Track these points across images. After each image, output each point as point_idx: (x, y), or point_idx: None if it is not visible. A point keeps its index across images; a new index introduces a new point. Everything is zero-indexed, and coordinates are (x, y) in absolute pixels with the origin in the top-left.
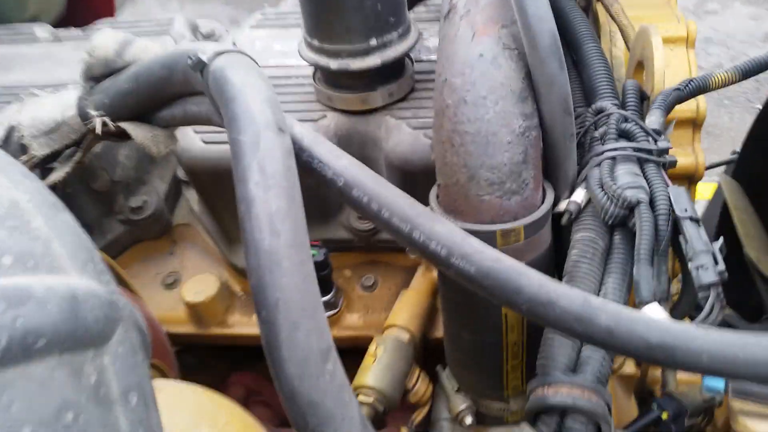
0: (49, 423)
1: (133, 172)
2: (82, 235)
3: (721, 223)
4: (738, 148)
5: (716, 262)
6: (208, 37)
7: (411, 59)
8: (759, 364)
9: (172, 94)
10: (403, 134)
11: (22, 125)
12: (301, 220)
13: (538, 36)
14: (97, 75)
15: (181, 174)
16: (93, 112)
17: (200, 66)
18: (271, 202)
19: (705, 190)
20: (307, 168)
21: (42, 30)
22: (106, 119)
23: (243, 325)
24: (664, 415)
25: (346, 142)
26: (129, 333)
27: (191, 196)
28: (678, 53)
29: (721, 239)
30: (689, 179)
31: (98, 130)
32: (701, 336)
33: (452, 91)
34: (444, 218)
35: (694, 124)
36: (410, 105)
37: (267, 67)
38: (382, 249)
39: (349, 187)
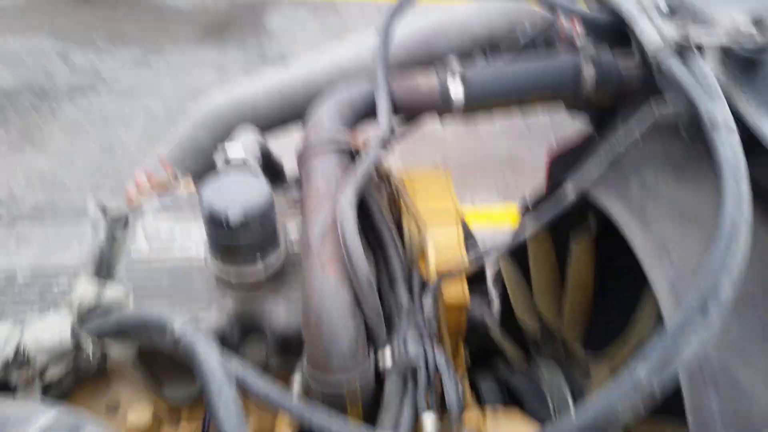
0: None
1: None
2: None
3: (502, 294)
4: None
5: (457, 388)
6: (116, 218)
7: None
8: None
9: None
10: (280, 313)
11: (31, 348)
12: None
13: (359, 271)
14: (85, 318)
15: None
16: (86, 341)
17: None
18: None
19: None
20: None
21: None
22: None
23: None
24: None
25: (243, 320)
26: None
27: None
28: (450, 232)
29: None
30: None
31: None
32: None
33: (310, 306)
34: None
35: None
36: (287, 286)
37: (168, 257)
38: None
39: None
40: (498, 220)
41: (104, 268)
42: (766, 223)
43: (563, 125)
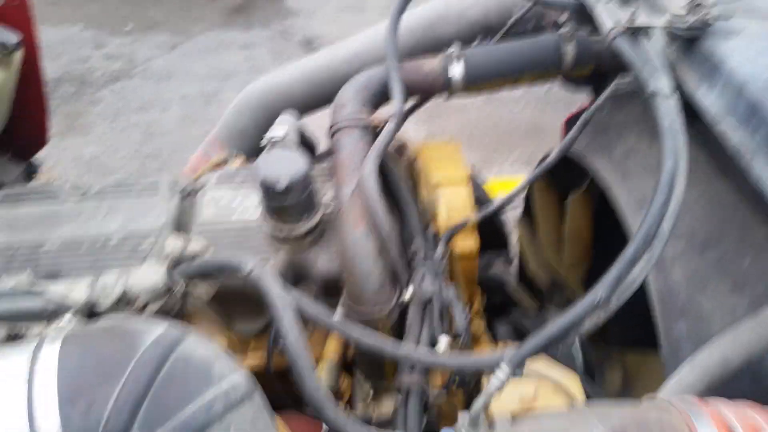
0: None
1: None
2: None
3: (519, 252)
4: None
5: (465, 317)
6: (184, 190)
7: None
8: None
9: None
10: (323, 262)
11: (134, 290)
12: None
13: (381, 226)
14: (174, 265)
15: None
16: (177, 283)
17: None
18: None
19: None
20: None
21: (62, 190)
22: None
23: None
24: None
25: (293, 268)
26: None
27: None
28: (459, 192)
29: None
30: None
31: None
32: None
33: (345, 255)
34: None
35: None
36: (327, 241)
37: (229, 220)
38: None
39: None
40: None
41: (179, 232)
42: (719, 176)
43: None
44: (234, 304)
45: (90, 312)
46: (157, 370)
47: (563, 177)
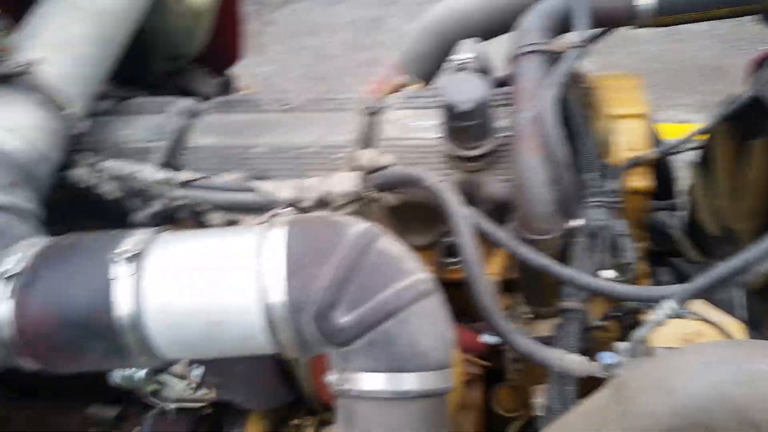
0: None
1: None
2: None
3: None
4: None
5: (632, 252)
6: (370, 109)
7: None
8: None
9: None
10: (495, 185)
11: (332, 193)
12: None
13: (557, 155)
14: (368, 174)
15: None
16: (369, 191)
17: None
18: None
19: None
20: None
21: (270, 101)
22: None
23: None
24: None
25: (465, 188)
26: None
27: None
28: (636, 126)
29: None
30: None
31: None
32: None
33: (519, 180)
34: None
35: None
36: (500, 167)
37: (410, 138)
38: None
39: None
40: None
41: (366, 146)
42: None
43: None
44: (408, 217)
45: (295, 209)
46: (362, 256)
47: (748, 122)
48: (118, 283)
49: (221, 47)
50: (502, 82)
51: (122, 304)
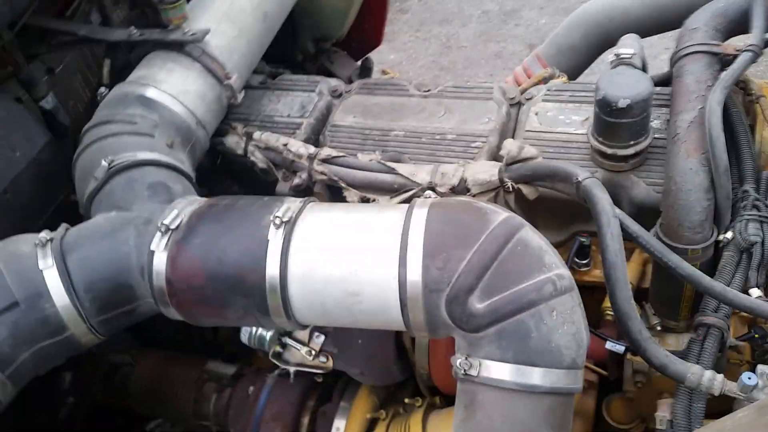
0: None
1: None
2: None
3: None
4: None
5: None
6: (513, 100)
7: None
8: None
9: None
10: (641, 188)
11: (469, 181)
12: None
13: (719, 161)
14: (509, 164)
15: None
16: (508, 182)
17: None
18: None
19: None
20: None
21: (411, 86)
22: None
23: None
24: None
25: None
26: None
27: None
28: None
29: None
30: None
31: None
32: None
33: (672, 183)
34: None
35: None
36: (646, 170)
37: (553, 132)
38: None
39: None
40: None
41: (505, 137)
42: None
43: None
44: (543, 213)
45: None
46: (503, 245)
47: None
48: (272, 245)
49: (364, 32)
50: (658, 82)
51: (272, 266)
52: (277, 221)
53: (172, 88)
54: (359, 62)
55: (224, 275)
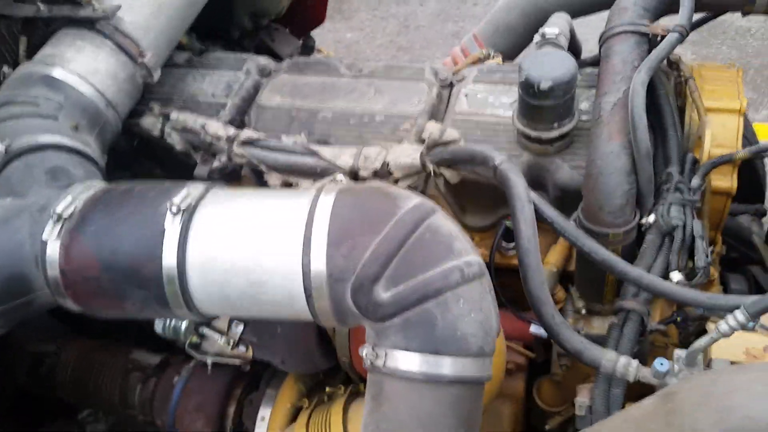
0: None
1: None
2: None
3: None
4: None
5: (706, 256)
6: (444, 81)
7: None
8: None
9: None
10: (565, 171)
11: (392, 165)
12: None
13: (641, 143)
14: (430, 148)
15: None
16: (429, 165)
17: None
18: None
19: None
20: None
21: (343, 66)
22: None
23: None
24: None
25: (532, 171)
26: None
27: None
28: (729, 122)
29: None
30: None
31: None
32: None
33: (593, 167)
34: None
35: None
36: (571, 153)
37: (482, 114)
38: None
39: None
40: None
41: (436, 119)
42: None
43: None
44: (468, 197)
45: (352, 177)
46: (411, 232)
47: None
48: (168, 234)
49: (306, 8)
50: (588, 63)
51: (168, 256)
52: (174, 209)
53: (80, 67)
54: (301, 40)
55: (119, 266)
